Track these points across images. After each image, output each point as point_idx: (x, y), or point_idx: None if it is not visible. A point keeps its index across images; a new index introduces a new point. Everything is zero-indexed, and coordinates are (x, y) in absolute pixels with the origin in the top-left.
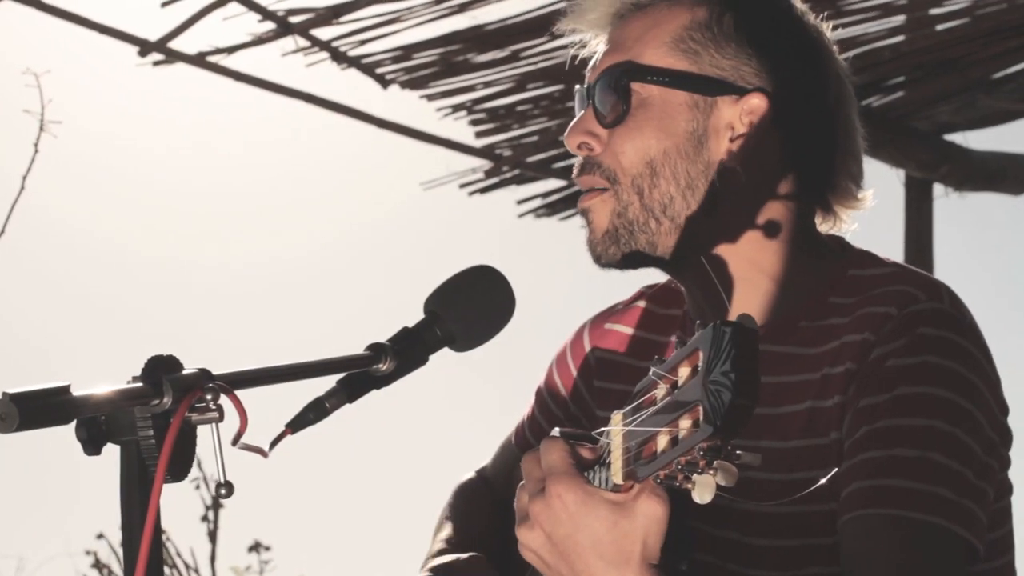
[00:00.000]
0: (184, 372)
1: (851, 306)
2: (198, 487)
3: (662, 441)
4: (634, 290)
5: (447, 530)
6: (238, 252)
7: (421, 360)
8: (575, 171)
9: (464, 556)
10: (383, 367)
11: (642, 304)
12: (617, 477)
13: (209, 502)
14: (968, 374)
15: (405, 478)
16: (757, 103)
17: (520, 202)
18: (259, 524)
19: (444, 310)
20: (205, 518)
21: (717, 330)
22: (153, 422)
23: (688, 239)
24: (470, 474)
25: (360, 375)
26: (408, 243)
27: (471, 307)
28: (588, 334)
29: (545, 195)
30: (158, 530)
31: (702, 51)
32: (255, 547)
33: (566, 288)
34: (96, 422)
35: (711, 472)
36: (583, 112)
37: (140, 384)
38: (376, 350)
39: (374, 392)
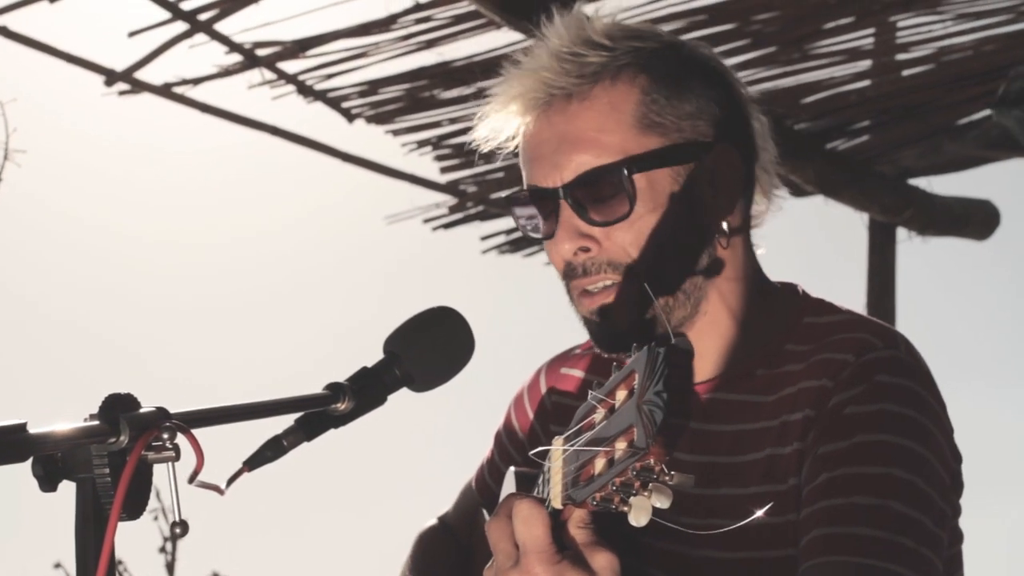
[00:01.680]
0: (141, 411)
1: (807, 352)
2: (156, 518)
3: (599, 464)
4: None
5: None
6: (200, 285)
7: (379, 400)
8: (563, 270)
9: None
10: (341, 407)
11: (597, 349)
12: (556, 502)
13: (167, 533)
14: (925, 422)
15: (365, 513)
16: (723, 152)
17: (484, 238)
18: (218, 556)
19: (403, 351)
20: (163, 549)
21: (651, 352)
22: (109, 460)
23: (692, 306)
24: (432, 521)
25: (318, 414)
26: (372, 277)
27: (430, 348)
28: (544, 377)
29: (509, 231)
30: (112, 568)
31: (664, 121)
32: None
33: (529, 325)
34: (52, 459)
35: (646, 494)
36: (561, 215)
37: (96, 422)
38: (334, 390)
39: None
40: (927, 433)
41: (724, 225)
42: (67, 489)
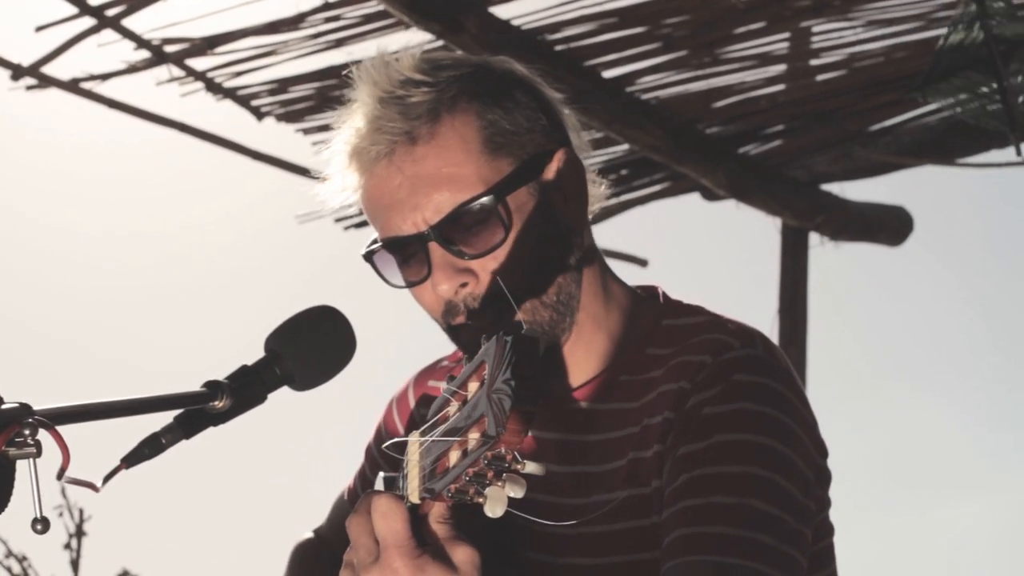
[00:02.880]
0: (3, 407)
1: (667, 356)
2: (61, 515)
3: (454, 456)
4: None
5: None
6: (108, 280)
7: (259, 398)
8: (440, 311)
9: None
10: (219, 404)
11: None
12: (414, 496)
13: (72, 530)
14: (783, 418)
15: (266, 510)
16: (562, 156)
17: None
18: (126, 553)
19: (284, 349)
20: (68, 546)
21: (499, 341)
22: None
23: (570, 317)
24: (308, 534)
25: (196, 412)
26: (282, 277)
27: (311, 347)
28: (412, 389)
29: (387, 283)
30: None
31: (506, 140)
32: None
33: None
34: None
35: (499, 484)
36: (431, 257)
37: None
38: (212, 387)
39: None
40: (786, 430)
41: (575, 227)
42: None
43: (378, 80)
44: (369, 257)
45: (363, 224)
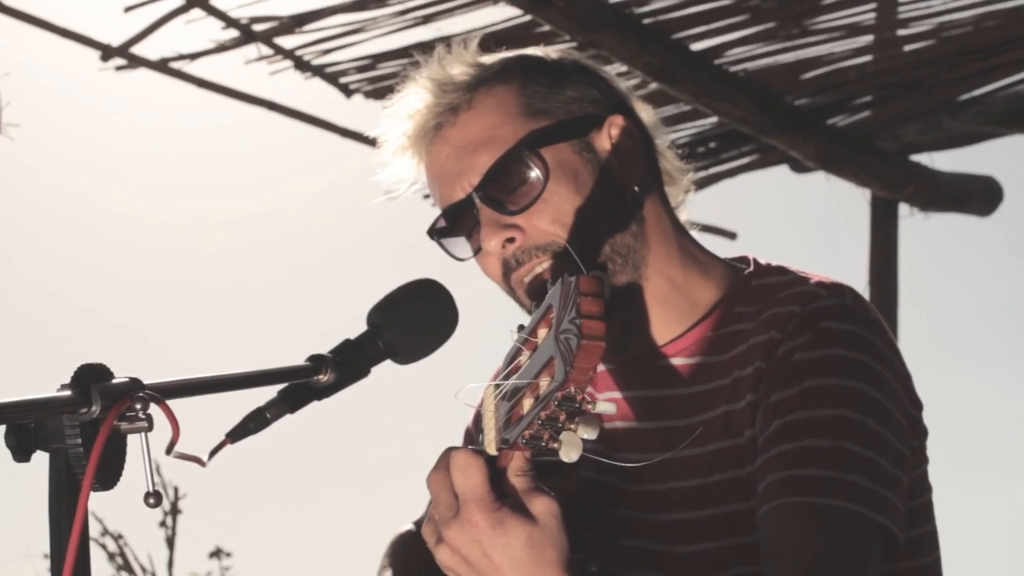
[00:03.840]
0: (114, 381)
1: (755, 312)
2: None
3: (527, 403)
4: None
5: None
6: (196, 259)
7: (363, 372)
8: (500, 275)
9: None
10: (323, 378)
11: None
12: (491, 448)
13: (168, 508)
14: (874, 364)
15: (366, 487)
16: (618, 121)
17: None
18: (220, 530)
19: (386, 322)
20: (163, 524)
21: (564, 283)
22: (81, 430)
23: (633, 270)
24: (408, 525)
25: (300, 386)
26: (372, 252)
27: (413, 320)
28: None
29: (455, 259)
30: (85, 539)
31: (547, 106)
32: (216, 553)
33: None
34: (25, 429)
35: (572, 427)
36: (481, 219)
37: (68, 392)
38: (316, 361)
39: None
40: (877, 376)
41: (636, 189)
42: (41, 460)
43: (431, 69)
44: (433, 233)
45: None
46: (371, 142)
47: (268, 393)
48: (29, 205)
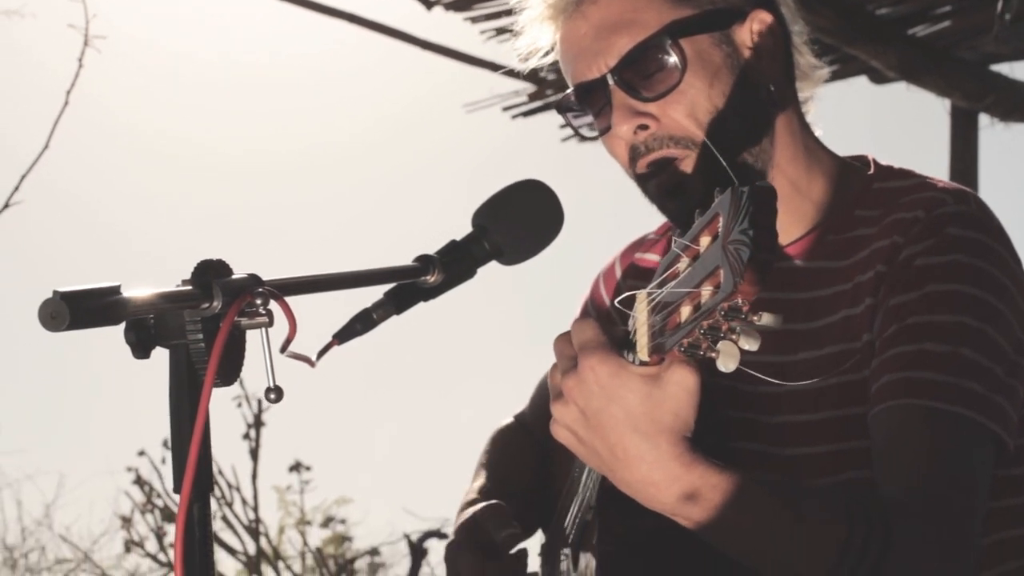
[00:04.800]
0: (234, 277)
1: (878, 216)
2: (240, 405)
3: (685, 311)
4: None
5: (481, 479)
6: (278, 180)
7: (469, 273)
8: (627, 158)
9: (483, 506)
10: (431, 279)
11: (672, 232)
12: (643, 353)
13: (251, 420)
14: (997, 274)
15: (446, 402)
16: (762, 17)
17: (563, 126)
18: (300, 445)
19: (492, 223)
20: (247, 436)
21: (735, 193)
22: (203, 326)
23: (762, 169)
24: (508, 419)
25: (408, 286)
26: (450, 165)
27: (519, 221)
28: (619, 263)
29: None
30: (207, 433)
31: None
32: (296, 467)
33: (607, 213)
34: (145, 325)
35: (734, 337)
36: (613, 101)
37: (190, 287)
38: (424, 262)
39: (417, 315)
40: (999, 285)
41: (772, 88)
42: (108, 375)
43: None
44: (561, 108)
45: (530, 113)
46: (450, 53)
47: (372, 296)
48: (119, 114)
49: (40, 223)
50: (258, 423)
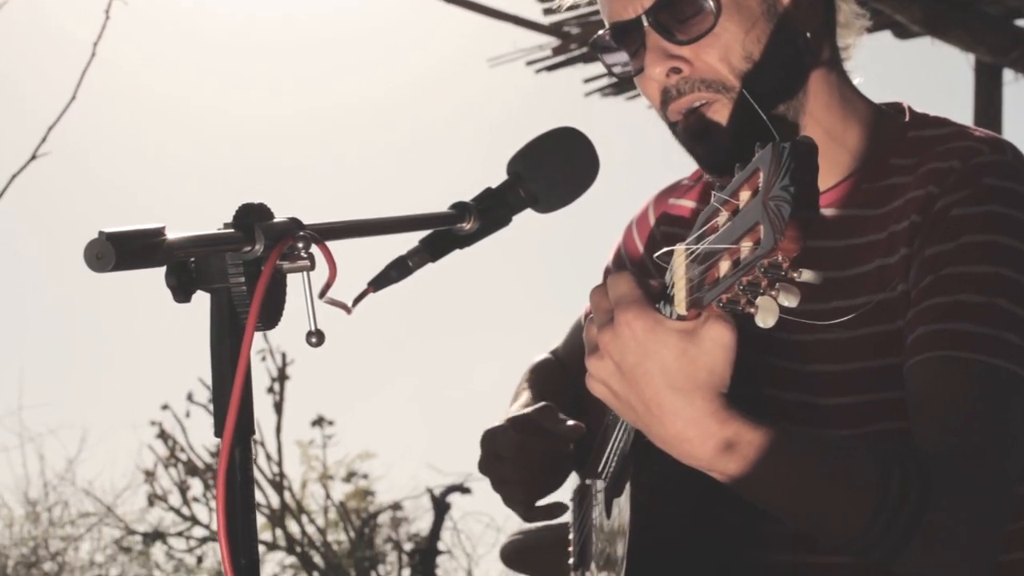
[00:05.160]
0: (275, 220)
1: (913, 165)
2: (264, 359)
3: (724, 266)
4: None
5: (524, 397)
6: (299, 129)
7: (504, 220)
8: (659, 100)
9: (536, 407)
10: (466, 226)
11: (707, 179)
12: (681, 307)
13: (275, 374)
14: None
15: (469, 357)
16: None
17: (587, 80)
18: (323, 399)
19: (528, 171)
20: (271, 390)
21: (776, 148)
22: (244, 269)
23: (794, 118)
24: (544, 355)
25: (443, 234)
26: (474, 120)
27: (555, 168)
28: (652, 209)
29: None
30: (249, 377)
31: None
32: (318, 421)
33: (630, 168)
34: (186, 269)
35: (773, 293)
36: (647, 42)
37: (232, 230)
38: (460, 209)
39: (441, 268)
40: None
41: (808, 35)
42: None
43: None
44: (595, 46)
45: (554, 67)
46: (473, 7)
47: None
48: (143, 67)
49: (66, 175)
50: (282, 377)
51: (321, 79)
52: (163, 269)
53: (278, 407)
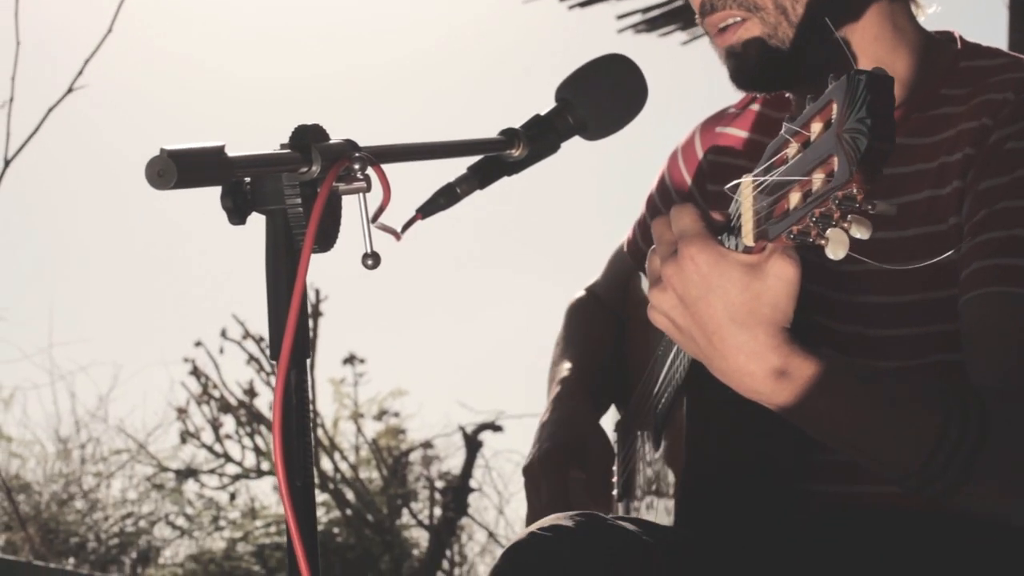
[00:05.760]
0: (330, 142)
1: (965, 96)
2: None
3: (794, 198)
4: (730, 102)
5: (564, 368)
6: (340, 67)
7: (553, 147)
8: (699, 11)
9: (568, 412)
10: (515, 153)
11: (756, 108)
12: (748, 239)
13: (308, 310)
14: None
15: (501, 294)
16: None
17: (620, 17)
18: (354, 337)
19: (576, 97)
20: None
21: (851, 79)
22: (301, 190)
23: (833, 46)
24: (580, 293)
25: (491, 160)
26: (506, 57)
27: (603, 95)
28: (700, 138)
29: (645, 10)
30: (305, 299)
31: None
32: (350, 359)
33: (664, 105)
34: (242, 190)
35: (845, 225)
36: None
37: (288, 151)
38: (509, 135)
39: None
40: None
41: None
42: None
43: None
44: None
45: (587, 3)
46: None
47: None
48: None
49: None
50: (316, 313)
51: (350, 40)
52: (198, 199)
53: (311, 344)
